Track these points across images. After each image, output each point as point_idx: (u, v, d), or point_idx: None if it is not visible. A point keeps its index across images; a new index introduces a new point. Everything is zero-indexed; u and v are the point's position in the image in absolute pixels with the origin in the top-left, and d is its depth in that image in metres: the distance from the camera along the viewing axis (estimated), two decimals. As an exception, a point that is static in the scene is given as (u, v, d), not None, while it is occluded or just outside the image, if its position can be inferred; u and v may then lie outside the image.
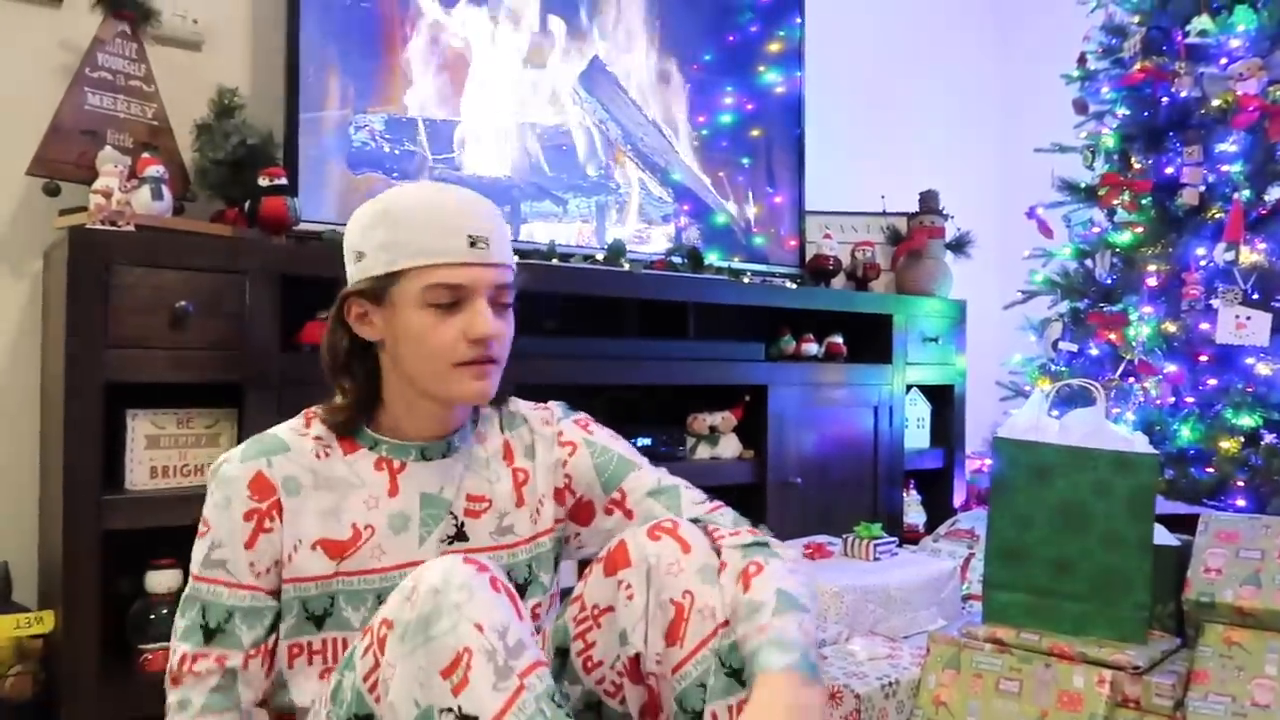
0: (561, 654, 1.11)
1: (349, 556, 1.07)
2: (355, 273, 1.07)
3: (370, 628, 0.95)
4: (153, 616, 1.63)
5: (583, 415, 1.25)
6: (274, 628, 1.05)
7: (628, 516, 1.17)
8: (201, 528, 1.05)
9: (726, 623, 1.03)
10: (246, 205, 1.84)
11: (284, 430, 1.09)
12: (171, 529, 1.62)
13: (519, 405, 1.23)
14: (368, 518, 1.08)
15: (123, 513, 1.57)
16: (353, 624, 1.07)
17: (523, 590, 1.17)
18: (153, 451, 1.63)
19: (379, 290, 1.05)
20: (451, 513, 1.13)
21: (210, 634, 1.02)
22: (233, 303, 1.67)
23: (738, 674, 1.02)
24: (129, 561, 1.66)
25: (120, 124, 1.86)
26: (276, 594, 1.05)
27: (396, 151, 2.12)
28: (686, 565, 1.05)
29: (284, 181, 1.83)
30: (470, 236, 1.03)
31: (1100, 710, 1.42)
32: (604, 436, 1.23)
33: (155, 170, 1.75)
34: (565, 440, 1.21)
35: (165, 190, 1.76)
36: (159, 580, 1.63)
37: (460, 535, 1.13)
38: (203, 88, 1.98)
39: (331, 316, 1.10)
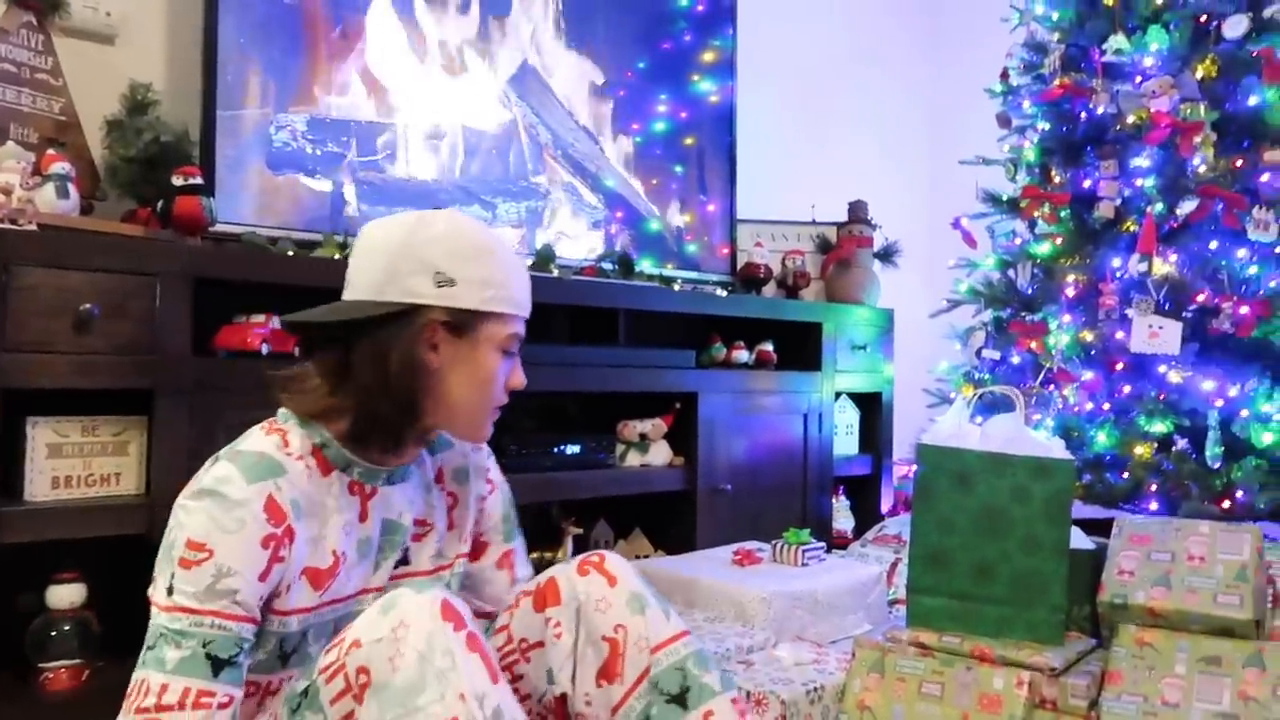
0: None
1: (328, 587, 1.03)
2: (436, 296, 1.02)
3: (342, 667, 0.89)
4: (54, 633, 1.55)
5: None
6: None
7: (511, 581, 1.26)
8: (194, 554, 0.92)
9: (662, 645, 1.04)
10: (159, 205, 1.77)
11: (269, 449, 1.00)
12: (75, 541, 1.56)
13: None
14: (343, 544, 1.05)
15: (21, 525, 1.50)
16: (312, 657, 1.01)
17: None
18: (55, 460, 1.56)
19: (464, 323, 1.04)
20: (403, 538, 1.12)
21: (219, 666, 0.91)
22: (143, 306, 1.60)
23: (679, 698, 1.02)
24: (29, 576, 1.58)
25: (24, 118, 1.78)
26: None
27: (319, 152, 2.07)
28: (614, 599, 1.06)
29: (199, 181, 1.77)
30: (530, 295, 1.12)
31: (1019, 712, 1.44)
32: (505, 481, 1.29)
33: (61, 167, 1.68)
34: (490, 478, 1.26)
35: (71, 188, 1.68)
36: (61, 595, 1.55)
37: (404, 560, 1.13)
38: (114, 82, 1.91)
39: (408, 332, 1.02)
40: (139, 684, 0.91)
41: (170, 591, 0.93)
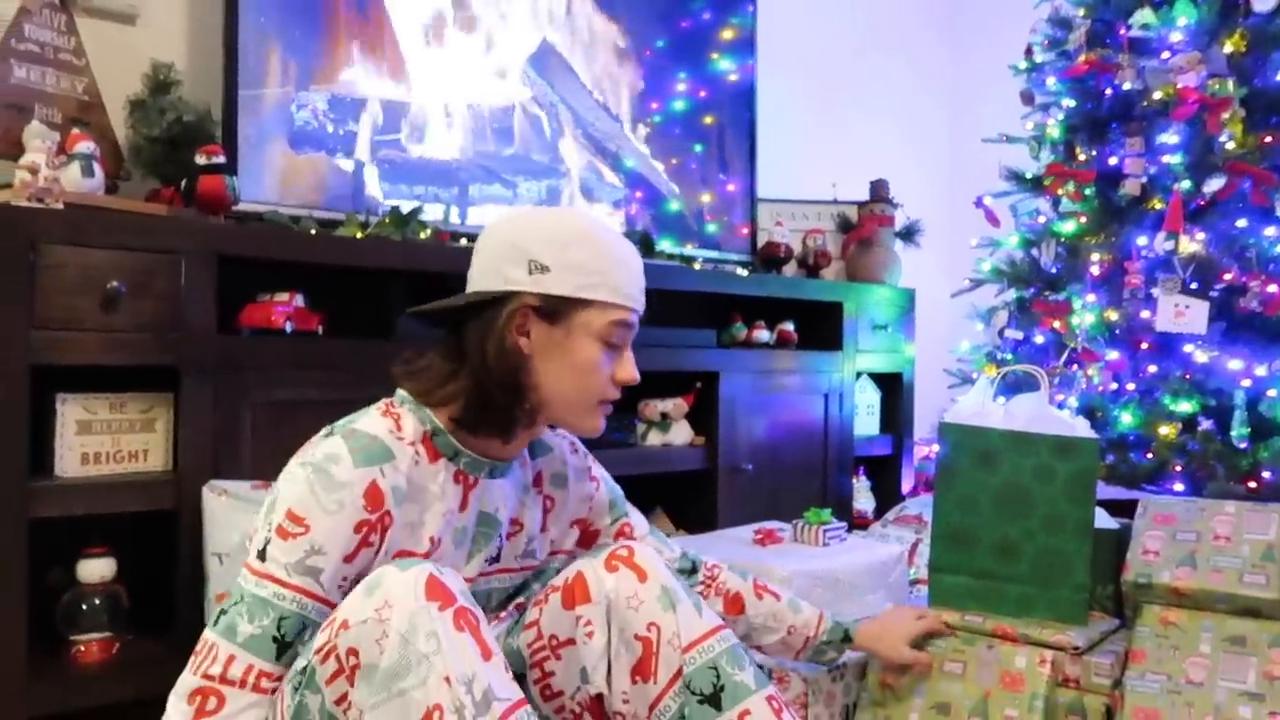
0: (517, 679, 1.08)
1: None
2: (530, 283, 1.04)
3: (334, 648, 0.89)
4: (84, 607, 1.57)
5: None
6: None
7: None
8: (291, 525, 0.95)
9: (695, 644, 1.03)
10: (183, 184, 1.78)
11: (382, 433, 1.02)
12: (104, 516, 1.58)
13: (544, 433, 1.22)
14: (442, 530, 1.06)
15: (52, 500, 1.52)
16: None
17: (517, 591, 1.20)
18: (84, 437, 1.58)
19: (558, 310, 1.04)
20: (499, 534, 1.13)
21: (284, 648, 0.94)
22: (167, 284, 1.61)
23: (711, 698, 1.00)
24: (60, 550, 1.61)
25: (48, 98, 1.79)
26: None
27: (341, 131, 2.07)
28: (646, 595, 1.04)
29: (222, 160, 1.78)
30: (642, 289, 1.10)
31: (1041, 689, 1.43)
32: (604, 470, 1.33)
33: (85, 146, 1.69)
34: (594, 476, 1.28)
35: (96, 167, 1.69)
36: (91, 569, 1.58)
37: (496, 557, 1.14)
38: (137, 62, 1.92)
39: (501, 317, 1.04)
40: (208, 647, 0.93)
41: (263, 556, 0.95)
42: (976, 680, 1.47)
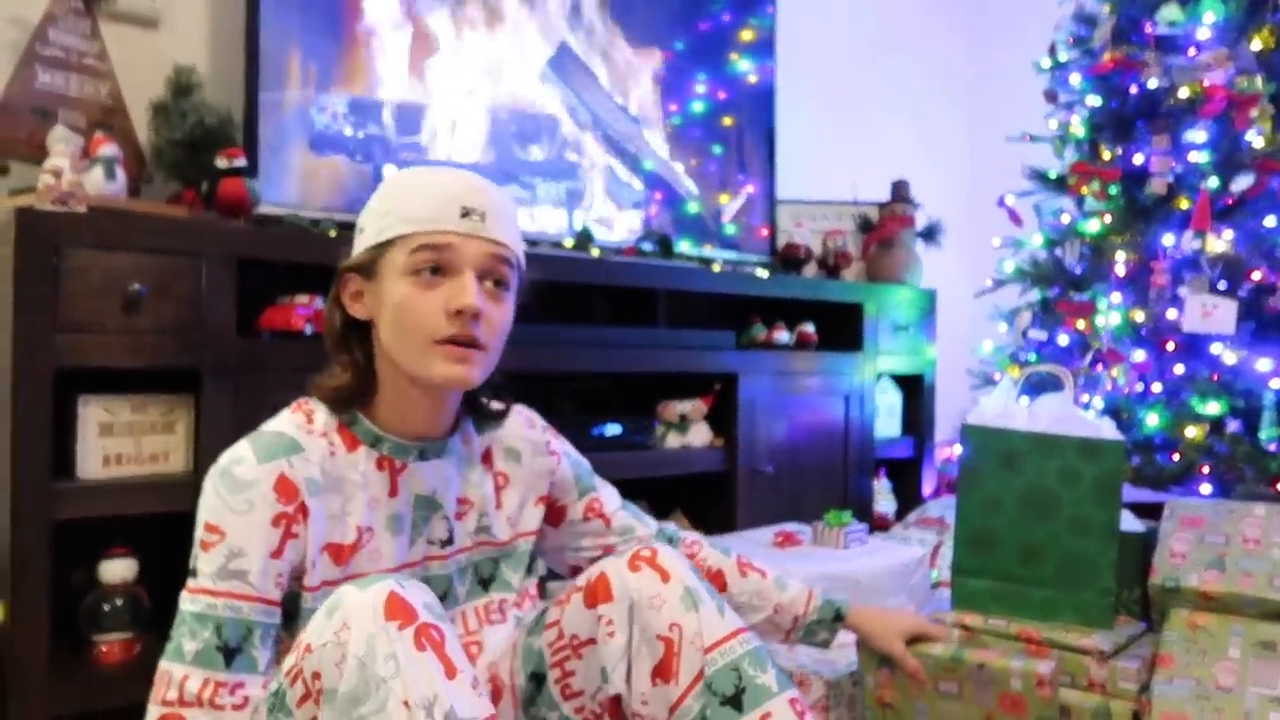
0: (537, 678, 1.08)
1: (350, 562, 1.04)
2: (355, 249, 1.06)
3: (300, 671, 0.88)
4: (106, 607, 1.58)
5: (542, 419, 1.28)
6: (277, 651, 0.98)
7: (605, 523, 1.27)
8: (208, 536, 0.95)
9: (716, 645, 1.01)
10: (204, 187, 1.79)
11: (289, 428, 1.02)
12: (126, 518, 1.59)
13: (493, 407, 1.21)
14: (369, 519, 1.05)
15: (74, 502, 1.53)
16: None
17: (487, 584, 1.17)
18: (106, 439, 1.59)
19: (370, 263, 1.03)
20: (445, 516, 1.11)
21: (231, 655, 0.93)
22: (189, 286, 1.62)
23: (733, 700, 0.98)
24: (82, 552, 1.62)
25: (72, 103, 1.81)
26: (284, 606, 0.99)
27: (361, 134, 2.08)
28: (668, 595, 1.02)
29: (243, 163, 1.79)
30: (464, 207, 1.01)
31: (1044, 712, 1.36)
32: (570, 445, 1.29)
33: (109, 150, 1.71)
34: (553, 450, 1.24)
35: (119, 170, 1.71)
36: (113, 570, 1.59)
37: (449, 539, 1.12)
38: (159, 66, 1.93)
39: (331, 293, 1.07)
40: (162, 675, 0.93)
41: (194, 574, 0.96)
42: (975, 702, 1.40)
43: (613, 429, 2.24)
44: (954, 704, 1.40)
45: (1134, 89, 2.38)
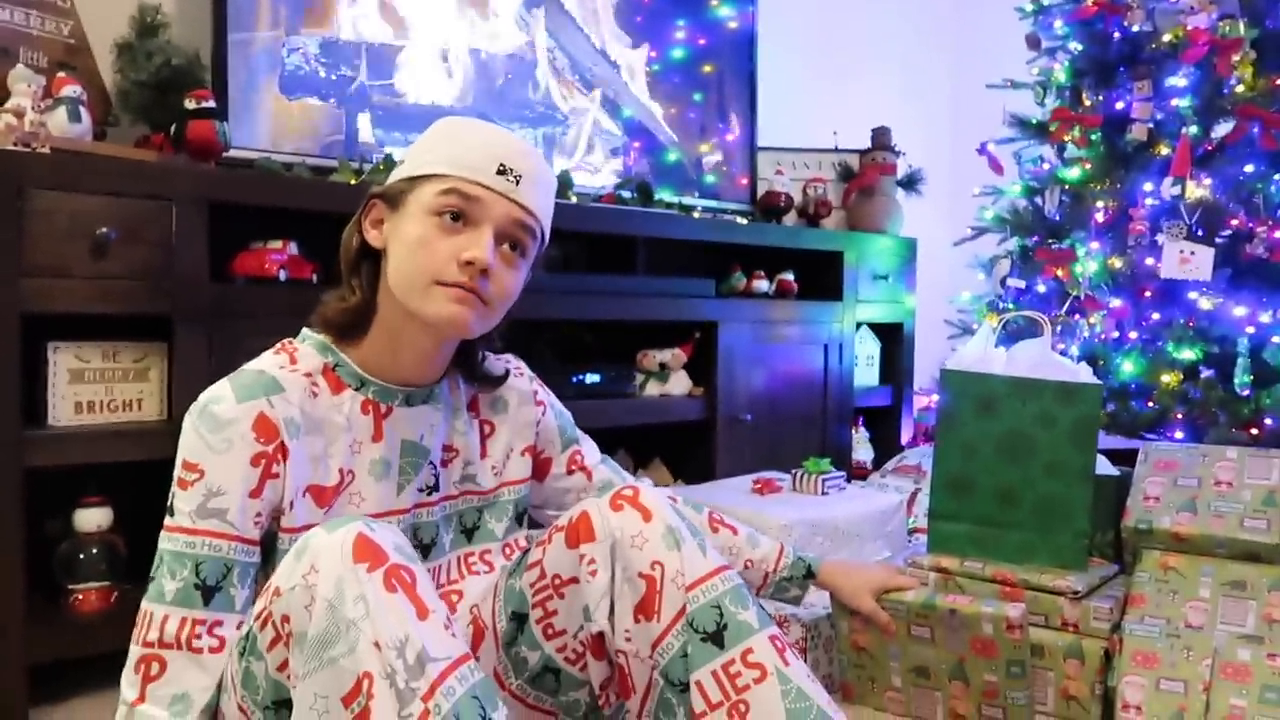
0: (519, 618, 1.07)
1: (333, 504, 1.03)
2: (390, 178, 1.06)
3: (269, 614, 0.86)
4: (82, 556, 1.57)
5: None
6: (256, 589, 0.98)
7: (587, 476, 1.28)
8: (186, 474, 0.95)
9: (698, 582, 1.00)
10: (172, 130, 1.75)
11: (271, 367, 1.01)
12: (99, 466, 1.57)
13: (487, 370, 1.20)
14: (351, 462, 1.04)
15: (46, 450, 1.51)
16: None
17: (470, 534, 1.17)
18: (77, 386, 1.57)
19: (399, 194, 1.03)
20: (431, 462, 1.11)
21: (209, 594, 0.92)
22: (159, 231, 1.59)
23: (714, 636, 0.98)
24: (57, 501, 1.60)
25: (34, 41, 1.75)
26: (263, 546, 0.98)
27: (333, 76, 2.03)
28: (650, 534, 1.02)
29: (212, 105, 1.74)
30: (502, 165, 1.02)
31: (1015, 654, 1.38)
32: (554, 396, 1.29)
33: (72, 90, 1.65)
34: (539, 400, 1.24)
35: (84, 112, 1.66)
36: (88, 518, 1.57)
37: (435, 485, 1.12)
38: (123, 5, 1.87)
39: (355, 216, 1.07)
40: (144, 615, 0.93)
41: (171, 512, 0.95)
42: (948, 646, 1.42)
43: (592, 377, 2.23)
44: (927, 648, 1.42)
45: (1117, 34, 2.36)
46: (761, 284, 2.54)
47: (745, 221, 2.64)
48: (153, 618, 0.92)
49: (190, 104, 1.73)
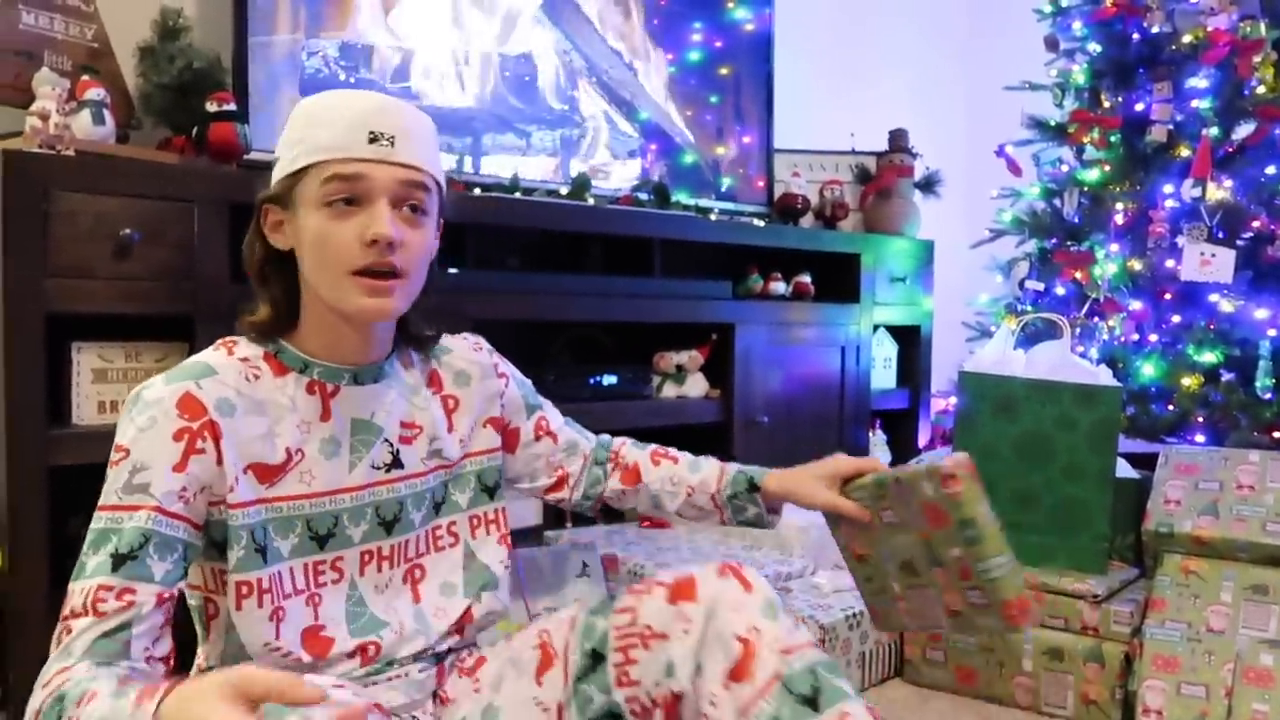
0: (596, 657, 1.06)
1: (277, 482, 1.04)
2: (272, 178, 1.05)
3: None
4: (105, 554, 1.58)
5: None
6: (186, 569, 0.97)
7: (553, 440, 1.30)
8: (115, 456, 0.96)
9: (794, 649, 1.00)
10: (194, 132, 1.76)
11: (204, 356, 1.03)
12: (122, 465, 1.58)
13: (426, 333, 1.20)
14: (300, 441, 1.05)
15: (70, 448, 1.52)
16: (283, 554, 1.03)
17: (438, 507, 1.18)
18: (100, 385, 1.58)
19: (286, 193, 1.02)
20: (386, 440, 1.11)
21: (121, 560, 0.90)
22: (181, 232, 1.60)
23: (811, 700, 0.97)
24: (80, 498, 1.61)
25: (58, 45, 1.76)
26: (198, 526, 0.98)
27: (352, 79, 2.04)
28: (749, 603, 1.02)
29: (233, 107, 1.75)
30: (372, 132, 1.00)
31: (968, 513, 1.15)
32: (514, 367, 1.30)
33: (96, 93, 1.67)
34: (501, 372, 1.25)
35: (107, 114, 1.67)
36: (110, 518, 1.59)
37: (396, 463, 1.12)
38: (146, 8, 1.89)
39: (252, 225, 1.06)
40: (66, 595, 0.93)
41: (102, 495, 0.96)
42: (913, 526, 1.21)
43: (609, 379, 2.23)
44: (901, 535, 1.23)
45: (1136, 35, 2.35)
46: (778, 286, 2.54)
47: (762, 223, 2.64)
48: (71, 596, 0.91)
49: (211, 107, 1.74)
